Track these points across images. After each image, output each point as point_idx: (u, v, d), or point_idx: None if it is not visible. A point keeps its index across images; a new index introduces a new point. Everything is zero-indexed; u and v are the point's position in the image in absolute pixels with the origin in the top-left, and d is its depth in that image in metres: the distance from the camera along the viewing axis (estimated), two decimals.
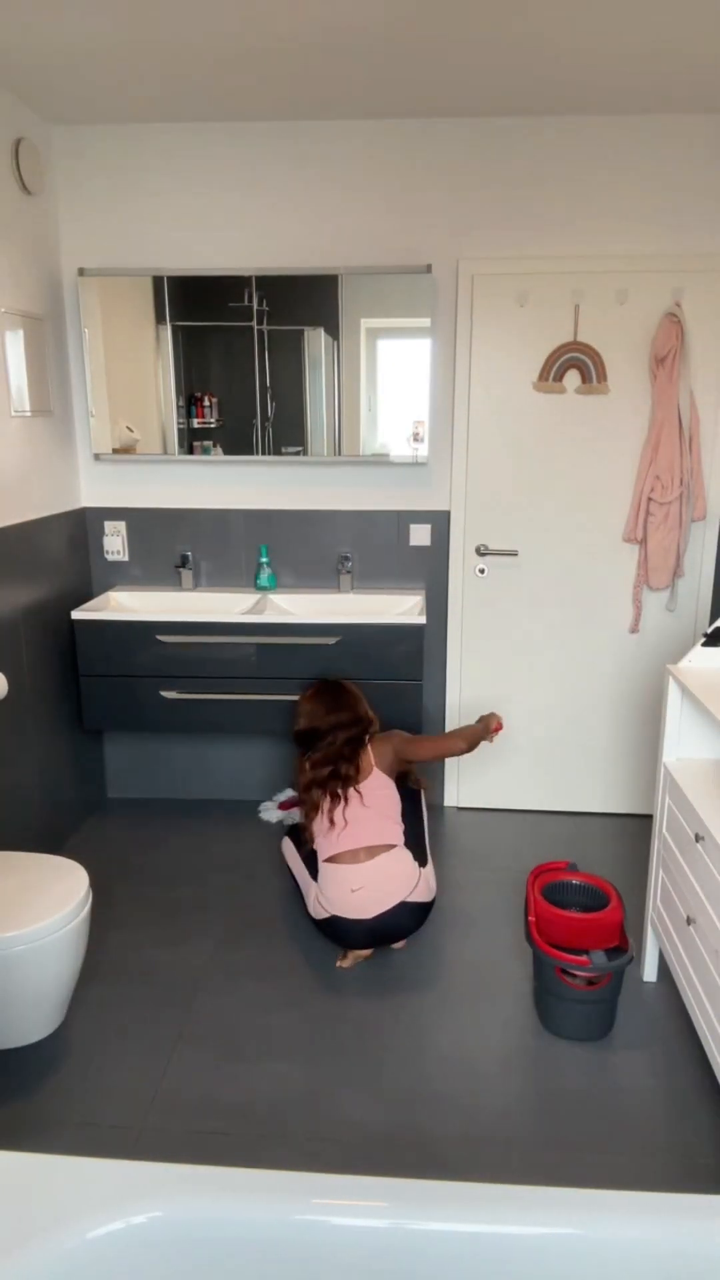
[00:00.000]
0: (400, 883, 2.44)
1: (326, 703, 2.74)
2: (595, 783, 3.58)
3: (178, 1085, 2.15)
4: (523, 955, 2.65)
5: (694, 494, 3.14)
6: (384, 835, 2.51)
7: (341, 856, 2.48)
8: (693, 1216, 1.21)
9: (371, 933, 2.44)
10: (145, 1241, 1.21)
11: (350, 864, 2.46)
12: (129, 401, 3.20)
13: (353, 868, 2.45)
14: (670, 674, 2.32)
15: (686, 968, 2.16)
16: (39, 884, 2.19)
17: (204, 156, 3.07)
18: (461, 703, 3.52)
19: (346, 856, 2.47)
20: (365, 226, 3.10)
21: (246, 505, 3.38)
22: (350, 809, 2.53)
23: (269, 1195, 1.24)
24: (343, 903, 2.43)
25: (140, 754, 3.66)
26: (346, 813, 2.52)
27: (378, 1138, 2.00)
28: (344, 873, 2.45)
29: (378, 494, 3.34)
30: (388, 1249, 1.21)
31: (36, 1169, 1.27)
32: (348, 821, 2.51)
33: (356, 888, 2.42)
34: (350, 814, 2.52)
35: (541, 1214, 1.22)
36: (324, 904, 2.46)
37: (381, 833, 2.50)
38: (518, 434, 3.25)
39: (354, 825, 2.50)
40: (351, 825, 2.50)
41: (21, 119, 2.86)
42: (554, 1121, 2.04)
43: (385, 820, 2.54)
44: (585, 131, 2.96)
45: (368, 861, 2.45)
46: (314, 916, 2.51)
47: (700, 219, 3.01)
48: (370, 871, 2.43)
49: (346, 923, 2.43)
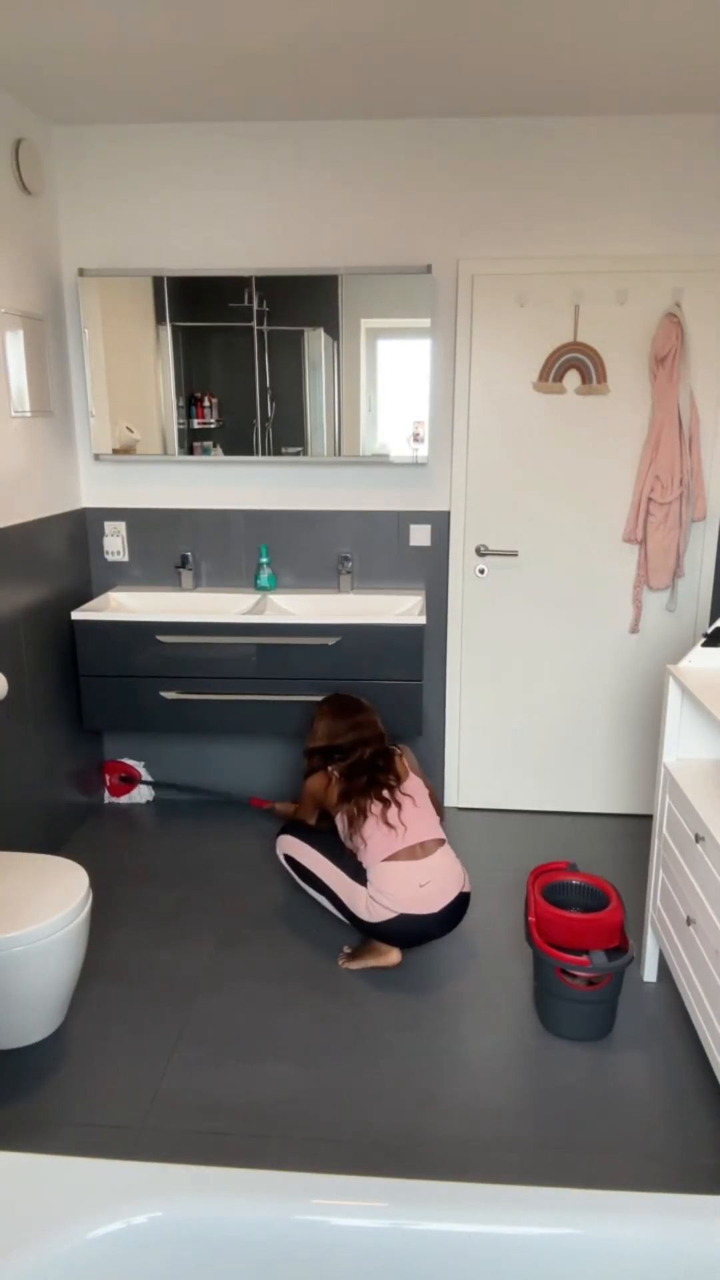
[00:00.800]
0: (457, 874, 2.53)
1: (346, 719, 2.80)
2: (595, 783, 3.58)
3: (178, 1085, 2.15)
4: (523, 955, 2.65)
5: (694, 494, 3.14)
6: (436, 830, 2.58)
7: (401, 854, 2.49)
8: (693, 1216, 1.21)
9: (441, 924, 2.49)
10: (145, 1241, 1.21)
11: (412, 860, 2.48)
12: (129, 402, 3.20)
13: (418, 863, 2.48)
14: (670, 674, 2.33)
15: (686, 968, 2.16)
16: (39, 884, 2.19)
17: (204, 156, 3.07)
18: (461, 703, 3.52)
19: (405, 854, 2.49)
20: (365, 226, 3.10)
21: (246, 505, 3.38)
22: (405, 812, 2.57)
23: (269, 1195, 1.24)
24: (411, 899, 2.44)
25: (140, 754, 3.66)
26: (403, 816, 2.56)
27: (378, 1138, 2.00)
28: (410, 869, 2.46)
29: (378, 494, 3.34)
30: (388, 1249, 1.21)
31: (36, 1169, 1.27)
32: (405, 824, 2.54)
33: (424, 882, 2.45)
34: (406, 816, 2.56)
35: (541, 1214, 1.22)
36: (386, 903, 2.45)
37: (432, 829, 2.57)
38: (518, 434, 3.25)
39: (411, 824, 2.54)
40: (410, 825, 2.54)
41: (21, 119, 2.86)
42: (554, 1121, 2.04)
43: (432, 817, 2.61)
44: (585, 131, 2.97)
45: (427, 857, 2.49)
46: (368, 919, 2.49)
47: (700, 219, 3.01)
48: (434, 865, 2.49)
49: (414, 920, 2.45)
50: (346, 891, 2.55)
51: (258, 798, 3.59)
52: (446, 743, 3.58)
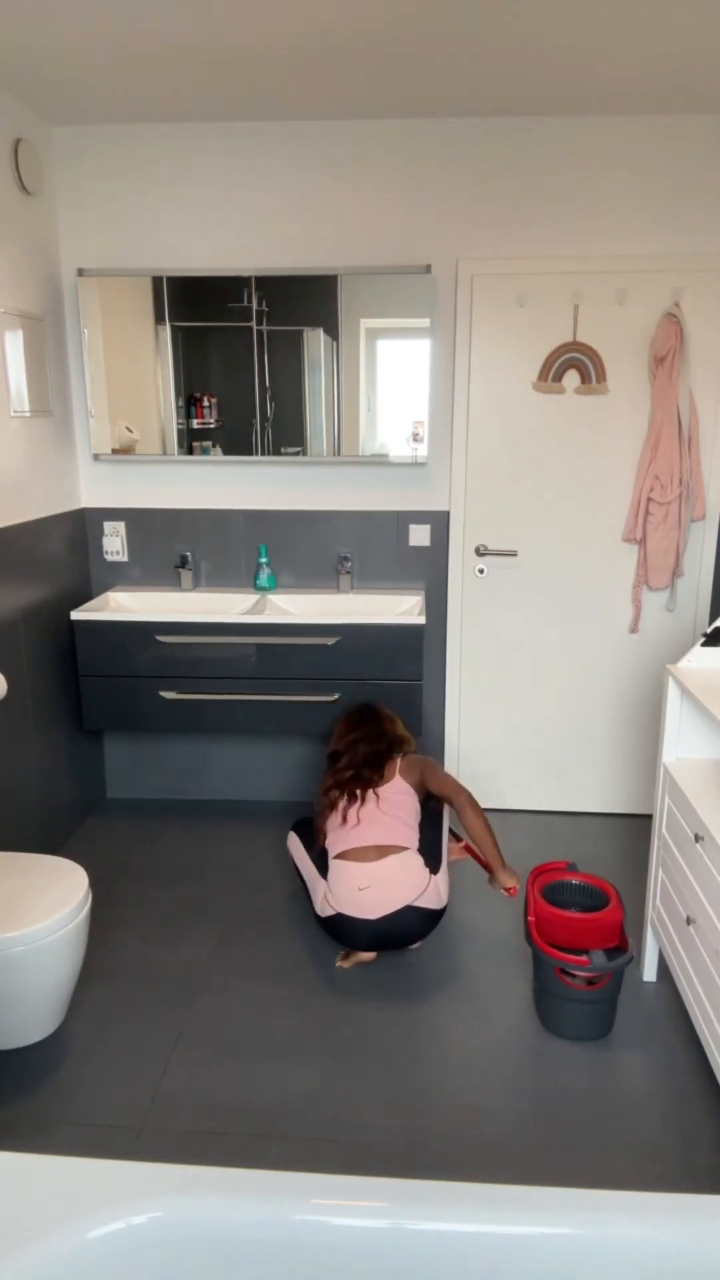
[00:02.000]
0: (408, 886, 2.42)
1: (352, 724, 2.83)
2: (595, 783, 3.58)
3: (178, 1085, 2.15)
4: (522, 955, 2.65)
5: (693, 494, 3.14)
6: (395, 837, 2.50)
7: (351, 854, 2.47)
8: (693, 1216, 1.21)
9: (375, 934, 2.43)
10: (145, 1241, 1.21)
11: (359, 862, 2.46)
12: (128, 402, 3.20)
13: (361, 865, 2.44)
14: (670, 674, 2.33)
15: (686, 968, 2.16)
16: (39, 884, 2.19)
17: (204, 156, 3.07)
18: (461, 703, 3.52)
19: (356, 854, 2.47)
20: (365, 226, 3.10)
21: (246, 505, 3.38)
22: (365, 809, 2.55)
23: (269, 1195, 1.24)
24: (349, 900, 2.42)
25: (140, 754, 3.67)
26: (361, 812, 2.54)
27: (377, 1138, 2.00)
28: (352, 870, 2.44)
29: (377, 494, 3.34)
30: (388, 1249, 1.21)
31: (36, 1169, 1.27)
32: (360, 820, 2.52)
33: (364, 886, 2.41)
34: (364, 813, 2.54)
35: (541, 1214, 1.22)
36: (330, 901, 2.45)
37: (393, 834, 2.50)
38: (517, 434, 3.25)
39: (366, 824, 2.51)
40: (364, 824, 2.51)
41: (21, 119, 2.86)
42: (553, 1121, 2.04)
43: (399, 824, 2.54)
44: (585, 131, 2.97)
45: (376, 861, 2.45)
46: (319, 914, 2.50)
47: (700, 219, 3.01)
48: (378, 871, 2.43)
49: (351, 921, 2.42)
50: (312, 883, 2.57)
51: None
52: (446, 743, 3.57)
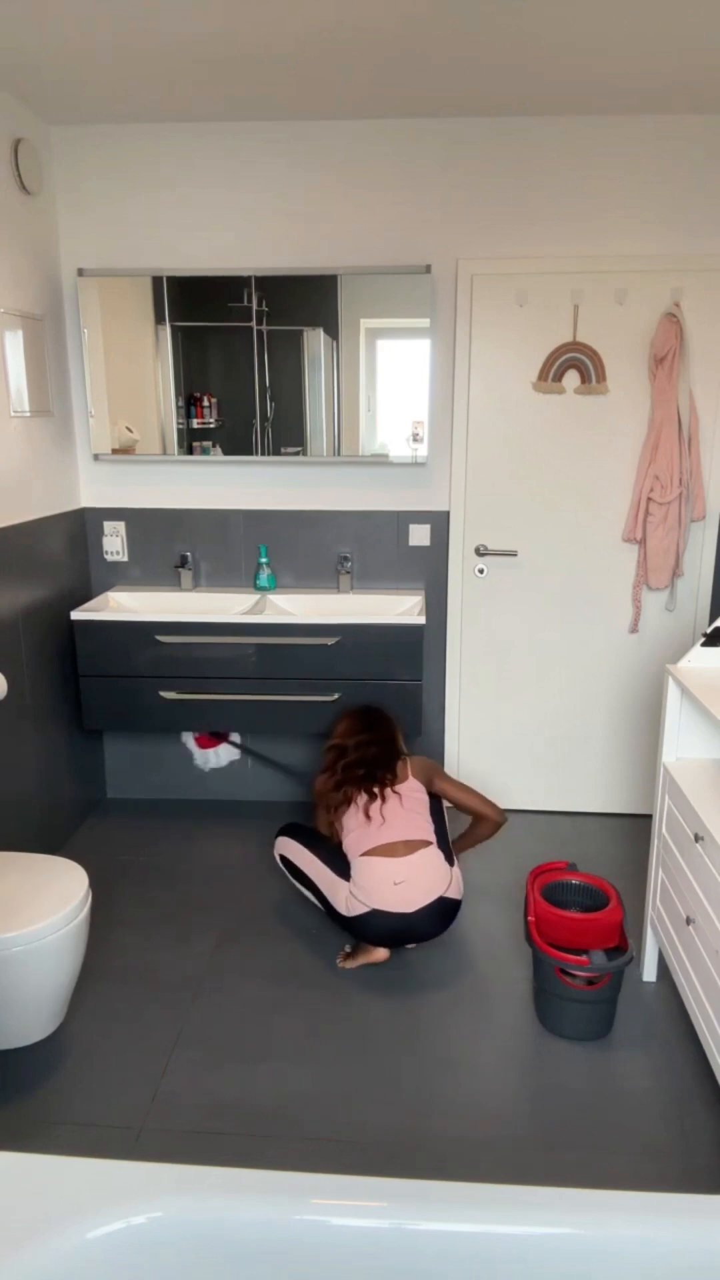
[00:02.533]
0: (439, 878, 2.46)
1: (363, 723, 2.81)
2: (595, 783, 3.58)
3: (178, 1085, 2.15)
4: (522, 955, 2.66)
5: (693, 494, 3.14)
6: (421, 832, 2.54)
7: (380, 849, 2.48)
8: (693, 1216, 1.21)
9: (410, 927, 2.44)
10: (145, 1241, 1.21)
11: (390, 857, 2.46)
12: (128, 402, 3.20)
13: (395, 861, 2.45)
14: (670, 674, 2.33)
15: (686, 968, 2.16)
16: (38, 884, 2.19)
17: (204, 156, 3.07)
18: (461, 702, 3.52)
19: (384, 850, 2.47)
20: (364, 226, 3.10)
21: (246, 505, 3.38)
22: (388, 806, 2.56)
23: (269, 1195, 1.24)
24: (384, 896, 2.42)
25: (140, 754, 3.67)
26: (384, 809, 2.55)
27: (377, 1138, 2.00)
28: (386, 865, 2.45)
29: (377, 494, 3.34)
30: (388, 1249, 1.21)
31: (36, 1169, 1.27)
32: (385, 818, 2.53)
33: (399, 880, 2.42)
34: (388, 810, 2.55)
35: (541, 1214, 1.22)
36: (361, 898, 2.45)
37: (419, 829, 2.53)
38: (517, 434, 3.25)
39: (392, 820, 2.53)
40: (390, 821, 2.53)
41: (21, 119, 2.86)
42: (553, 1121, 2.04)
43: (421, 818, 2.57)
44: (585, 131, 2.97)
45: (408, 855, 2.46)
46: (345, 914, 2.49)
47: (700, 219, 3.01)
48: (411, 865, 2.45)
49: (386, 917, 2.42)
50: (329, 886, 2.56)
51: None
52: (446, 742, 3.57)
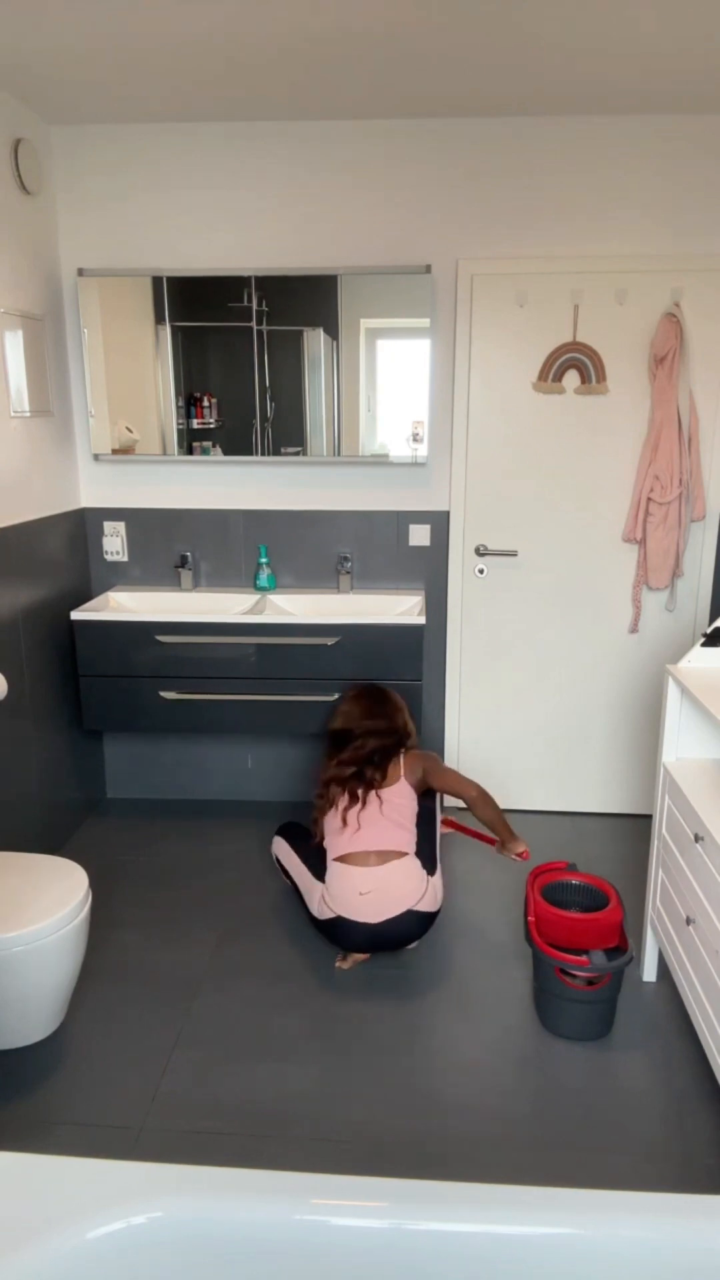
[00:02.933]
0: (408, 891, 2.43)
1: (365, 707, 2.77)
2: (595, 783, 3.58)
3: (178, 1085, 2.15)
4: (522, 955, 2.65)
5: (693, 494, 3.14)
6: (395, 843, 2.50)
7: (352, 857, 2.47)
8: (693, 1216, 1.21)
9: (374, 937, 2.43)
10: (145, 1241, 1.21)
11: (360, 866, 2.45)
12: (128, 402, 3.20)
13: (363, 870, 2.44)
14: (670, 674, 2.33)
15: (686, 968, 2.16)
16: (38, 884, 2.19)
17: (204, 156, 3.07)
18: (461, 702, 3.52)
19: (356, 858, 2.47)
20: (364, 226, 3.10)
21: (246, 505, 3.38)
22: (366, 812, 2.53)
23: (269, 1195, 1.24)
24: (349, 904, 2.42)
25: (140, 754, 3.66)
26: (361, 815, 2.52)
27: (377, 1138, 2.00)
28: (354, 874, 2.44)
29: (377, 494, 3.34)
30: (388, 1249, 1.21)
31: (36, 1169, 1.27)
32: (360, 824, 2.51)
33: (365, 891, 2.41)
34: (365, 817, 2.52)
35: (541, 1214, 1.22)
36: (330, 903, 2.45)
37: (393, 840, 2.50)
38: (517, 434, 3.25)
39: (367, 828, 2.50)
40: (365, 828, 2.50)
41: (21, 119, 2.86)
42: (553, 1121, 2.04)
43: (399, 829, 2.53)
44: (585, 131, 2.97)
45: (378, 866, 2.45)
46: (317, 916, 2.50)
47: (700, 219, 3.01)
48: (380, 876, 2.43)
49: (350, 925, 2.42)
50: (307, 887, 2.56)
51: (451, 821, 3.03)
52: (446, 742, 3.57)
